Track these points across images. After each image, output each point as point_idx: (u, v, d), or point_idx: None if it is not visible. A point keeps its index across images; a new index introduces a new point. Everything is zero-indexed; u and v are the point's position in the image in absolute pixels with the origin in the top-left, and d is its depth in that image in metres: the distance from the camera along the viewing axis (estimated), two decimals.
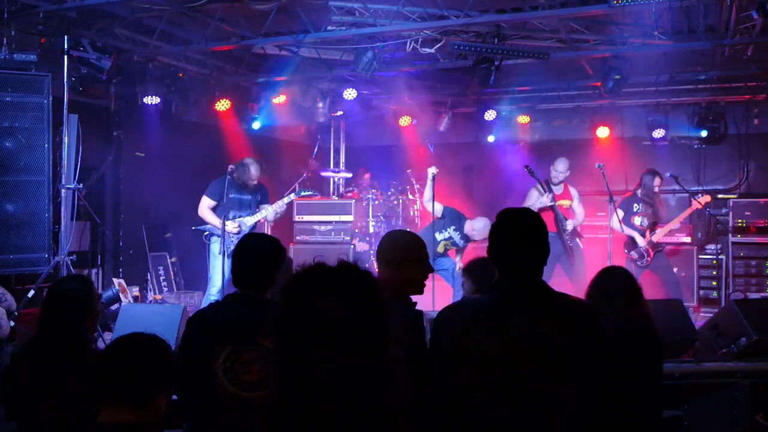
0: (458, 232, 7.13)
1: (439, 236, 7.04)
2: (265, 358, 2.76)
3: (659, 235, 7.77)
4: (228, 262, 6.23)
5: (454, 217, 7.14)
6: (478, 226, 7.03)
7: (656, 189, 7.73)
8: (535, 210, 7.60)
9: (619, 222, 7.58)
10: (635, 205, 7.76)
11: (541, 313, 2.31)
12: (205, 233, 6.95)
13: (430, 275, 3.04)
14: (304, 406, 1.45)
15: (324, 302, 1.47)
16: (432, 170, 7.08)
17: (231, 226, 6.74)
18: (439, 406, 2.39)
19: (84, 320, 3.15)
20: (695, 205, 7.92)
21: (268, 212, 7.03)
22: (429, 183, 7.06)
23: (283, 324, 1.51)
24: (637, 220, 7.74)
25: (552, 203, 7.51)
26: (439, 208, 7.08)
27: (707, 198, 8.05)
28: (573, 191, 7.89)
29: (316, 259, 1.56)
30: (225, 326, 2.83)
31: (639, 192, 7.78)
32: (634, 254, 7.64)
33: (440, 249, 7.10)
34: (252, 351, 2.77)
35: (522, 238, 2.43)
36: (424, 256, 3.00)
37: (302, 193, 7.65)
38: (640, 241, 7.60)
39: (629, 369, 3.02)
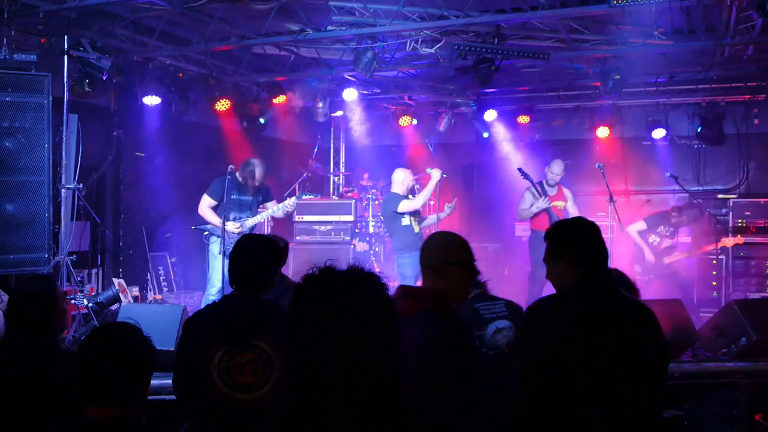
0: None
1: (406, 220, 7.01)
2: (259, 359, 2.76)
3: (672, 258, 7.75)
4: (227, 262, 6.22)
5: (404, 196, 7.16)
6: (400, 175, 7.12)
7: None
8: (531, 213, 7.67)
9: (637, 232, 7.60)
10: (662, 226, 7.70)
11: (625, 306, 2.63)
12: (205, 233, 6.93)
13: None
14: (313, 406, 1.45)
15: (335, 306, 1.48)
16: (438, 172, 7.02)
17: (232, 226, 6.72)
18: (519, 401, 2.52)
19: (52, 320, 3.13)
20: (724, 242, 7.91)
21: (277, 210, 7.00)
22: (432, 185, 6.99)
23: (293, 325, 1.52)
24: (651, 238, 7.70)
25: (547, 206, 7.53)
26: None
27: (739, 240, 8.04)
28: (567, 192, 7.91)
29: (327, 263, 1.56)
30: (219, 327, 2.83)
31: (674, 218, 7.73)
32: (638, 268, 7.62)
33: (417, 229, 7.07)
34: (246, 352, 2.77)
35: (600, 241, 2.72)
36: (469, 257, 2.77)
37: (304, 196, 7.66)
38: (648, 256, 7.58)
39: (630, 370, 3.03)
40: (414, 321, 2.50)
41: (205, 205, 6.85)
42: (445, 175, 7.07)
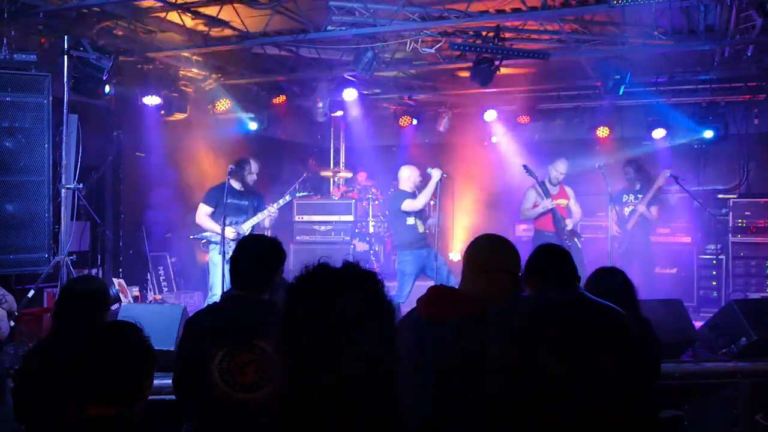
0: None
1: (411, 220, 7.02)
2: (260, 359, 2.76)
3: (632, 222, 7.92)
4: (228, 266, 6.21)
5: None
6: (406, 173, 7.16)
7: None
8: (537, 213, 7.68)
9: (615, 220, 7.71)
10: (624, 195, 8.09)
11: (590, 311, 2.62)
12: (203, 241, 6.94)
13: (421, 275, 3.03)
14: (309, 406, 1.45)
15: (329, 303, 1.47)
16: (438, 172, 7.01)
17: (228, 232, 6.72)
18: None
19: (103, 318, 3.18)
20: (661, 181, 7.91)
21: (264, 217, 7.02)
22: (433, 185, 6.99)
23: (288, 325, 1.51)
24: (626, 210, 7.99)
25: (552, 206, 7.56)
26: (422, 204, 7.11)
27: (667, 171, 8.04)
28: (569, 190, 7.92)
29: (320, 260, 1.55)
30: (221, 328, 2.83)
31: (626, 182, 8.12)
32: (615, 243, 7.74)
33: (421, 229, 7.07)
34: (247, 352, 2.77)
35: (564, 254, 2.83)
36: (519, 266, 2.77)
37: (298, 194, 7.64)
38: (615, 229, 7.88)
39: (627, 369, 3.03)
40: (450, 325, 2.50)
41: (203, 213, 6.87)
42: (445, 175, 7.07)
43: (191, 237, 7.10)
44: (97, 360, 2.21)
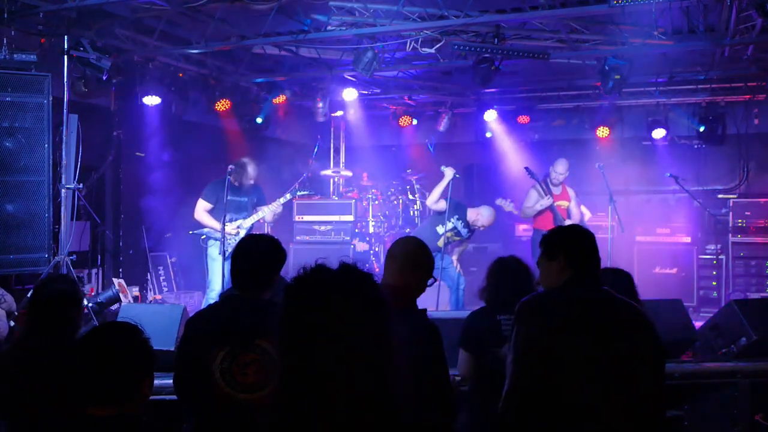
0: (461, 221, 7.08)
1: (440, 229, 6.99)
2: (262, 359, 2.76)
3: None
4: (228, 264, 6.22)
5: (454, 206, 7.09)
6: (485, 213, 7.05)
7: None
8: (536, 211, 7.68)
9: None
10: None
11: (618, 310, 2.66)
12: (203, 237, 6.93)
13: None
14: (307, 407, 1.45)
15: (326, 304, 1.47)
16: (451, 171, 7.02)
17: (229, 228, 6.72)
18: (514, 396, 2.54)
19: (74, 318, 3.17)
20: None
21: (266, 213, 7.02)
22: (444, 183, 7.00)
23: (286, 326, 1.51)
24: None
25: (551, 203, 7.56)
26: (443, 203, 7.05)
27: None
28: (571, 192, 7.91)
29: (317, 261, 1.55)
30: (222, 328, 2.83)
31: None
32: None
33: (440, 243, 7.04)
34: (249, 353, 2.76)
35: (593, 246, 2.80)
36: (431, 262, 3.05)
37: (298, 193, 7.63)
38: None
39: (618, 367, 3.04)
40: (399, 317, 2.53)
41: (201, 209, 6.87)
42: (458, 175, 7.12)
43: (191, 232, 7.11)
44: (97, 360, 2.21)
